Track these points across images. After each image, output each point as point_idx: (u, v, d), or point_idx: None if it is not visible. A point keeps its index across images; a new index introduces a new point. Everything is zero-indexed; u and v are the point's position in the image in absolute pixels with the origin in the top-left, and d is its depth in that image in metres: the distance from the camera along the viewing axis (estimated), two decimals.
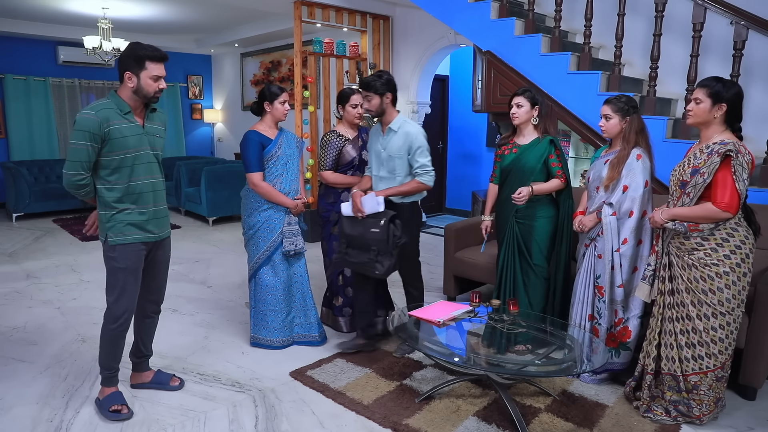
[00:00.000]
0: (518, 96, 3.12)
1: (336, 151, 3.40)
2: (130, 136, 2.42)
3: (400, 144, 3.04)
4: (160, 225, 2.60)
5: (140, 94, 2.42)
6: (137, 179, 2.47)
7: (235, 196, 7.19)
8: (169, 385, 2.82)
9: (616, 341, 2.86)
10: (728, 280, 2.37)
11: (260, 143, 3.13)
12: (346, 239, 3.10)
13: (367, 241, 3.00)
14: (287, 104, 3.21)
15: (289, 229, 3.21)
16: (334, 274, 3.53)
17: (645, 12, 4.25)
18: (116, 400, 2.57)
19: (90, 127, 2.33)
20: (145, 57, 2.38)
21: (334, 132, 3.44)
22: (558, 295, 3.20)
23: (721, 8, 3.46)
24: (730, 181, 2.28)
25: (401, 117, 3.12)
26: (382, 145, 3.09)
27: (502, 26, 4.34)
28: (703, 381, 2.46)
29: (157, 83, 2.43)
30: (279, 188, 3.18)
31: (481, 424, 2.52)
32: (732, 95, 2.35)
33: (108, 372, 2.61)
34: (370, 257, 3.00)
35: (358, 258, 3.05)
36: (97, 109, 2.36)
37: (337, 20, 6.29)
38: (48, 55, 8.35)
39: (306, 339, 3.38)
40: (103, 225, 2.49)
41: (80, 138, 2.33)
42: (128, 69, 2.39)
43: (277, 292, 3.26)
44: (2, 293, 4.30)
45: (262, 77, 9.35)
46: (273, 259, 3.24)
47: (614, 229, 2.75)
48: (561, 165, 3.09)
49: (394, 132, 3.05)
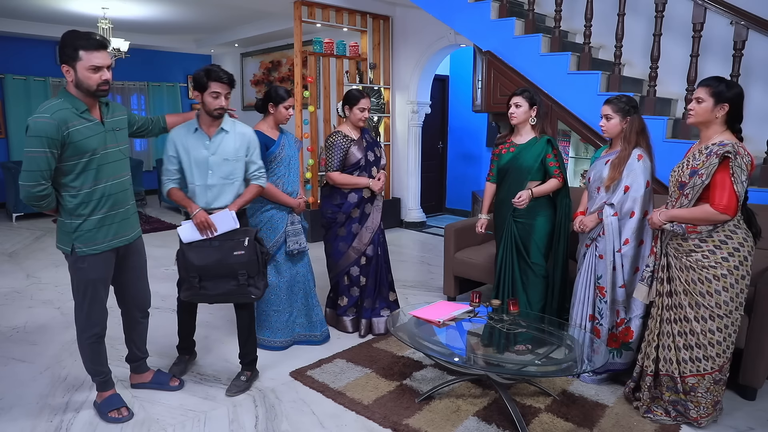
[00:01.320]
0: (516, 96, 3.14)
1: (342, 152, 3.38)
2: (92, 136, 2.24)
3: (237, 145, 2.74)
4: (130, 226, 2.50)
5: (82, 89, 2.19)
6: (104, 181, 2.31)
7: None
8: (169, 385, 2.81)
9: (617, 341, 2.85)
10: (726, 282, 2.35)
11: (264, 144, 3.10)
12: (197, 272, 2.61)
13: (230, 267, 2.61)
14: (291, 109, 3.20)
15: (293, 229, 3.22)
16: (340, 274, 3.54)
17: (645, 12, 4.25)
18: (115, 404, 2.54)
19: (47, 132, 2.11)
20: (78, 46, 2.12)
21: (339, 133, 3.42)
22: (556, 294, 3.21)
23: (721, 8, 3.46)
24: (728, 182, 2.27)
25: (227, 117, 2.82)
26: (210, 149, 2.69)
27: (502, 26, 4.34)
28: (701, 383, 2.45)
29: (98, 74, 2.17)
30: (282, 189, 3.18)
31: (481, 424, 2.52)
32: (734, 95, 2.34)
33: (99, 377, 2.56)
34: (239, 283, 2.63)
35: (219, 288, 2.63)
36: (52, 111, 2.14)
37: (337, 20, 6.30)
38: (48, 55, 8.35)
39: (307, 338, 3.38)
40: (67, 235, 2.31)
41: (37, 145, 2.10)
42: (63, 61, 2.16)
43: (280, 292, 3.27)
44: (2, 293, 4.30)
45: (262, 77, 9.35)
46: (276, 258, 3.24)
47: (616, 230, 2.75)
48: (558, 164, 3.11)
49: (226, 132, 2.73)
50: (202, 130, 2.70)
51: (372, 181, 3.41)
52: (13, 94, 8.04)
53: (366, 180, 3.40)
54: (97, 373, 2.56)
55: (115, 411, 2.53)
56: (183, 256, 2.64)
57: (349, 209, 3.42)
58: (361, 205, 3.44)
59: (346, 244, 3.47)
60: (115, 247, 2.44)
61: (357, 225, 3.46)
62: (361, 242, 3.46)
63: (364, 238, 3.46)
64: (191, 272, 2.63)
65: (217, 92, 2.62)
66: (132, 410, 2.58)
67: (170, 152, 2.72)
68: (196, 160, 2.69)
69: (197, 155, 2.68)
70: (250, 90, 9.67)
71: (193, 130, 2.70)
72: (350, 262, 3.49)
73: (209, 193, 2.71)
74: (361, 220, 3.46)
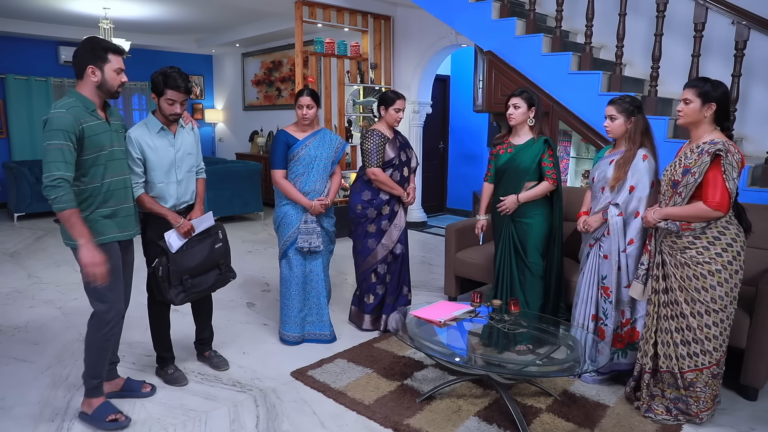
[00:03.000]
0: (515, 97, 3.15)
1: (381, 149, 3.44)
2: (101, 133, 2.34)
3: (192, 139, 2.85)
4: (132, 223, 2.55)
5: (104, 89, 2.34)
6: (111, 177, 2.40)
7: (237, 196, 7.22)
8: (141, 391, 2.73)
9: (623, 342, 2.86)
10: (720, 277, 2.39)
11: (285, 142, 3.24)
12: (189, 273, 2.75)
13: (214, 260, 2.86)
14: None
15: (305, 228, 3.27)
16: (367, 272, 3.57)
17: (646, 12, 4.25)
18: (110, 410, 2.48)
19: (65, 125, 2.21)
20: (108, 49, 2.30)
21: (376, 131, 3.48)
22: (552, 294, 3.23)
23: (722, 8, 3.45)
24: (720, 180, 2.31)
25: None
26: (176, 146, 2.74)
27: (503, 26, 4.34)
28: (699, 378, 2.48)
29: (119, 76, 2.35)
30: (299, 187, 3.25)
31: (482, 424, 2.52)
32: (720, 94, 2.39)
33: (96, 381, 2.49)
34: (221, 272, 2.90)
35: (208, 281, 2.85)
36: (68, 107, 2.26)
37: (338, 20, 6.30)
38: (49, 55, 8.37)
39: (317, 337, 3.43)
40: None
41: (57, 137, 2.19)
42: (91, 63, 2.30)
43: (290, 286, 3.35)
44: (4, 293, 4.31)
45: (263, 77, 9.36)
46: (288, 254, 3.33)
47: (620, 230, 2.75)
48: (552, 165, 3.12)
49: (183, 127, 2.81)
50: (167, 128, 2.72)
51: (404, 194, 3.51)
52: (15, 94, 8.06)
53: (401, 190, 3.50)
54: (96, 376, 2.48)
55: (113, 416, 2.45)
56: (174, 262, 2.69)
57: (380, 205, 3.47)
58: (391, 203, 3.51)
59: (375, 241, 3.50)
60: (120, 241, 2.47)
61: (386, 222, 3.51)
62: (390, 239, 3.52)
63: (393, 236, 3.52)
64: (184, 275, 2.72)
65: (173, 100, 2.64)
66: (128, 416, 2.51)
67: (134, 154, 2.61)
68: (166, 158, 2.70)
69: (165, 154, 2.70)
70: (251, 90, 9.67)
71: (156, 130, 2.68)
72: (378, 260, 3.53)
73: (179, 188, 2.77)
74: (391, 217, 3.52)
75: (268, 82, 9.29)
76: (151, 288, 2.83)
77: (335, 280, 4.60)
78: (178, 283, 2.71)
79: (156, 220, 2.72)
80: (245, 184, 7.26)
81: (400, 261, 3.61)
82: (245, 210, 7.46)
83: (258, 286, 4.56)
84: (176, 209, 2.77)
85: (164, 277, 2.69)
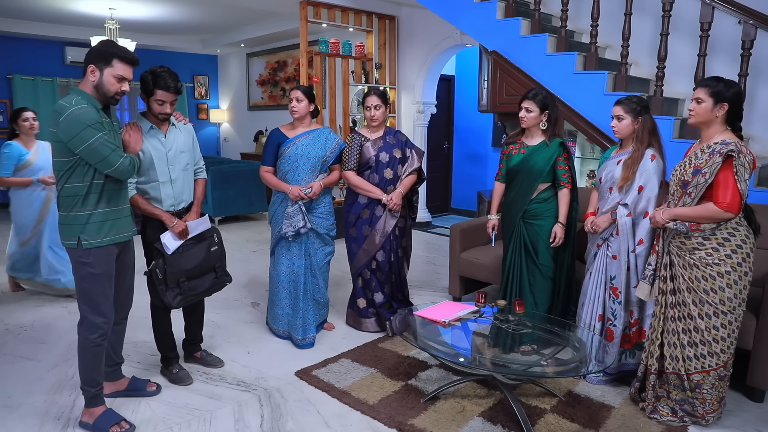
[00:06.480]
0: (528, 100, 3.06)
1: (356, 150, 3.42)
2: (108, 131, 2.33)
3: (185, 138, 2.83)
4: (128, 224, 2.52)
5: (100, 92, 2.29)
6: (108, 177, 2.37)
7: (241, 196, 7.24)
8: (146, 391, 2.74)
9: (631, 342, 2.85)
10: (729, 279, 2.37)
11: (276, 140, 3.32)
12: (185, 275, 2.76)
13: (210, 263, 2.88)
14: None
15: (288, 213, 3.23)
16: (355, 275, 3.58)
17: (652, 11, 4.23)
18: (113, 419, 2.43)
19: (92, 119, 2.22)
20: (114, 54, 2.28)
21: (355, 132, 3.50)
22: (562, 295, 3.20)
23: (729, 7, 3.43)
24: (731, 181, 2.29)
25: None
26: (167, 145, 2.72)
27: (508, 26, 4.33)
28: (706, 380, 2.46)
29: (120, 84, 2.30)
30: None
31: (487, 425, 2.51)
32: (733, 94, 2.37)
33: (94, 389, 2.44)
34: (216, 275, 2.93)
35: (205, 284, 2.87)
36: (87, 101, 2.26)
37: (343, 20, 6.30)
38: (56, 55, 8.41)
39: (290, 336, 3.42)
40: (74, 228, 2.32)
41: (92, 133, 2.20)
42: (93, 62, 2.28)
43: (275, 283, 3.41)
44: (10, 292, 4.33)
45: (268, 77, 9.38)
46: (275, 251, 3.40)
47: (629, 230, 2.74)
48: (568, 169, 3.08)
49: (175, 126, 2.79)
50: (157, 127, 2.71)
51: (385, 197, 3.39)
52: (22, 94, 8.10)
53: (379, 193, 3.39)
54: (93, 383, 2.43)
55: (116, 426, 2.41)
56: (171, 264, 2.70)
57: (358, 210, 3.45)
58: (371, 207, 3.45)
59: (357, 245, 3.50)
60: (116, 243, 2.44)
61: (367, 227, 3.46)
62: (371, 245, 3.46)
63: (375, 241, 3.46)
64: (180, 277, 2.74)
65: (162, 100, 2.63)
66: (133, 424, 2.48)
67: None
68: (157, 157, 2.69)
69: (157, 153, 2.69)
70: (256, 90, 9.69)
71: (147, 129, 2.67)
72: (362, 264, 3.51)
73: (175, 186, 2.76)
74: (371, 222, 3.46)
75: (272, 82, 9.31)
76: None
77: (340, 280, 4.61)
78: (175, 285, 2.73)
79: (155, 220, 2.74)
80: (250, 184, 7.27)
81: (387, 269, 3.53)
82: (250, 210, 7.48)
83: (262, 286, 4.56)
84: (176, 210, 2.77)
85: (161, 280, 2.70)
